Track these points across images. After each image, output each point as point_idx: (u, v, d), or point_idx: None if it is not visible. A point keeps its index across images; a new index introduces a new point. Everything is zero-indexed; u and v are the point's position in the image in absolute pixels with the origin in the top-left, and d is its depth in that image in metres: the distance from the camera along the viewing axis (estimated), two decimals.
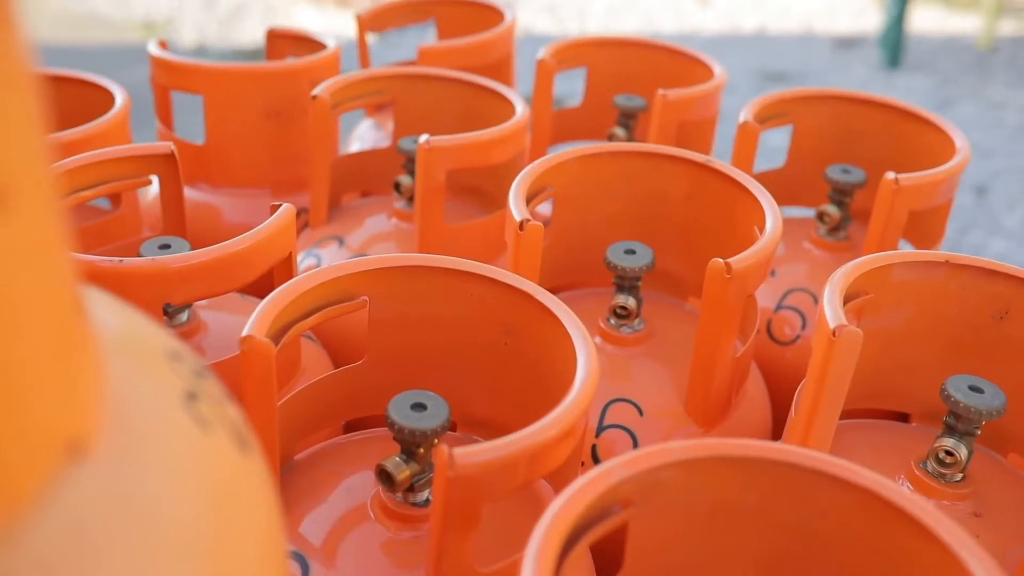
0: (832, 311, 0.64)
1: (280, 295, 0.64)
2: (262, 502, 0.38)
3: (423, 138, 0.88)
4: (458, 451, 0.52)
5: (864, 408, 0.79)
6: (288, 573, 0.42)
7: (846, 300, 0.70)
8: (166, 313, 0.81)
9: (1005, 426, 0.74)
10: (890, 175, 0.85)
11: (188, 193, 1.12)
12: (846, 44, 3.90)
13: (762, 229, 0.77)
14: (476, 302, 0.70)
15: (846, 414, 0.80)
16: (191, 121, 1.21)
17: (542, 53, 1.12)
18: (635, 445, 0.78)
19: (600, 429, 0.79)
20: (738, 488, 0.51)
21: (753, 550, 0.53)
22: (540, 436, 0.55)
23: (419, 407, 0.62)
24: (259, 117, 1.08)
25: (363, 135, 1.31)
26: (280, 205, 0.76)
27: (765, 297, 0.97)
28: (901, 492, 0.48)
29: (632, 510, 0.51)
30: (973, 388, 0.66)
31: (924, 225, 0.98)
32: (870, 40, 3.89)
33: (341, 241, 1.00)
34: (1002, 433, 0.75)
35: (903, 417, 0.83)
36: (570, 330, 0.63)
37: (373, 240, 1.01)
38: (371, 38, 3.40)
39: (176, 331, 0.81)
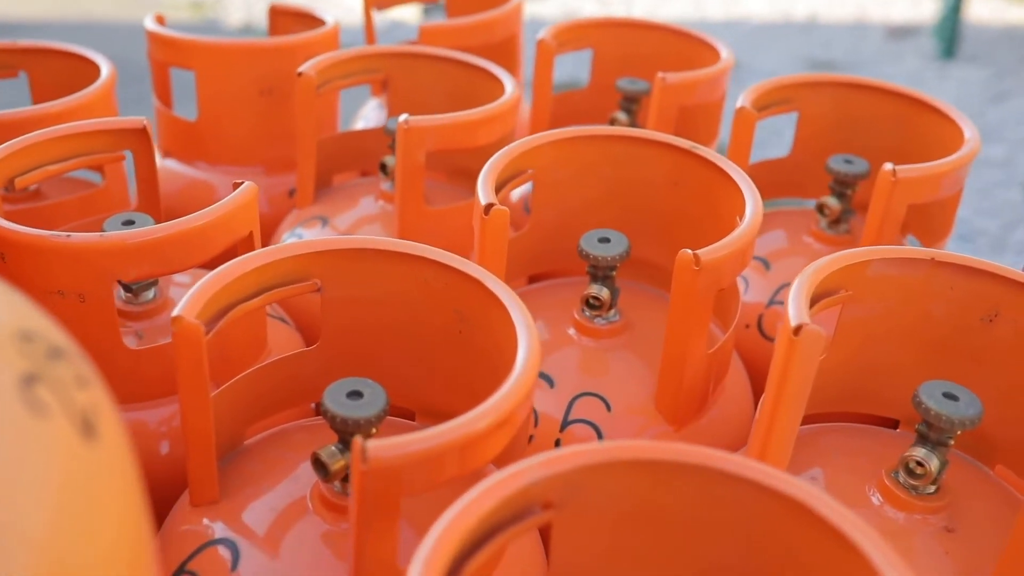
0: (795, 308, 0.60)
1: (217, 276, 0.62)
2: (110, 492, 0.36)
3: (402, 118, 0.86)
4: (372, 444, 0.50)
5: (852, 412, 0.75)
6: (151, 564, 0.39)
7: (821, 297, 0.66)
8: (130, 290, 0.79)
9: (992, 436, 0.70)
10: (888, 166, 0.81)
11: (184, 170, 1.12)
12: (899, 33, 3.78)
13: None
14: (429, 288, 0.67)
15: (831, 417, 0.76)
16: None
17: (542, 34, 1.08)
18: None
19: (565, 423, 0.76)
20: (663, 493, 0.48)
21: (682, 556, 0.50)
22: (467, 428, 0.53)
23: (356, 395, 0.60)
24: (252, 94, 1.06)
25: (367, 115, 1.30)
26: (241, 183, 0.74)
27: (758, 291, 0.93)
28: (828, 502, 0.45)
29: (553, 512, 0.48)
30: (948, 395, 0.61)
31: (930, 219, 0.93)
32: (925, 29, 3.78)
33: (325, 221, 0.98)
34: (989, 443, 0.70)
35: (895, 423, 0.79)
36: (514, 317, 0.60)
37: (357, 221, 0.99)
38: (415, 14, 3.37)
39: (143, 308, 0.80)
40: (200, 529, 0.64)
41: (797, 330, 0.58)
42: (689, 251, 0.68)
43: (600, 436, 0.75)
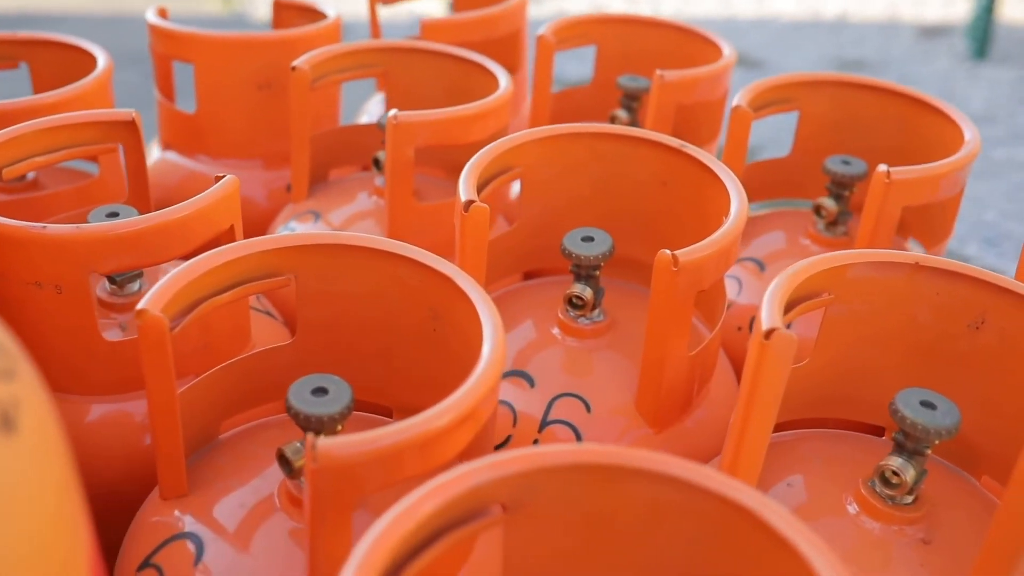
0: (768, 312, 0.59)
1: (186, 270, 0.61)
2: (30, 485, 0.36)
3: (391, 112, 0.85)
4: (324, 441, 0.50)
5: (841, 419, 0.74)
6: (81, 556, 0.39)
7: (800, 300, 0.65)
8: (114, 282, 0.80)
9: (977, 445, 0.68)
10: (882, 168, 0.79)
11: (184, 163, 1.12)
12: (931, 33, 3.72)
13: None
14: (403, 285, 0.67)
15: (819, 423, 0.74)
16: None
17: (542, 30, 1.07)
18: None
19: (544, 424, 0.75)
20: (613, 498, 0.47)
21: (632, 561, 0.49)
22: (426, 426, 0.52)
23: (321, 392, 0.60)
24: (250, 88, 1.06)
25: (371, 110, 1.29)
26: (223, 176, 0.74)
27: (752, 293, 0.92)
28: (778, 512, 0.43)
29: (505, 514, 0.48)
30: (925, 403, 0.60)
31: (931, 221, 0.91)
32: (957, 29, 3.71)
33: (318, 216, 0.98)
34: (975, 453, 0.68)
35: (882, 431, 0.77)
36: (481, 315, 0.60)
37: (351, 216, 0.98)
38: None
39: (127, 300, 0.80)
40: (167, 523, 0.64)
41: (768, 334, 0.57)
42: (668, 251, 0.67)
43: (579, 437, 0.74)
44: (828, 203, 0.91)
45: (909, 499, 0.62)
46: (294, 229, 0.97)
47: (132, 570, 0.63)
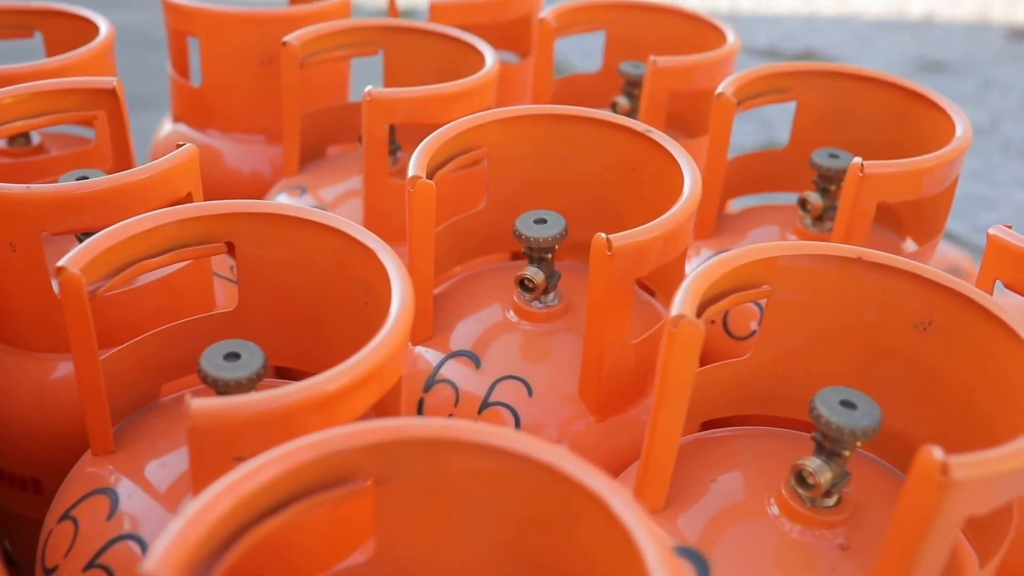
0: (680, 299, 0.57)
1: (114, 231, 0.63)
2: None
3: (367, 89, 0.86)
4: (198, 401, 0.50)
5: (795, 418, 0.71)
6: None
7: (732, 290, 0.63)
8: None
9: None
10: (856, 161, 0.76)
11: (191, 135, 1.15)
12: (1021, 35, 3.57)
13: None
14: (336, 257, 0.67)
15: (773, 421, 0.72)
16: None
17: (543, 13, 1.06)
18: (517, 426, 0.73)
19: (485, 405, 0.74)
20: (471, 477, 0.47)
21: (478, 539, 0.48)
22: (316, 389, 0.53)
23: (233, 356, 0.60)
24: (252, 63, 1.08)
25: None
26: (183, 144, 0.75)
27: None
28: (623, 498, 0.42)
29: (370, 485, 0.47)
30: (845, 403, 0.57)
31: (924, 218, 0.87)
32: None
33: (304, 190, 0.99)
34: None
35: None
36: (392, 282, 0.59)
37: (337, 191, 0.99)
38: None
39: None
40: (91, 478, 0.66)
41: (676, 321, 0.56)
42: (603, 235, 0.66)
43: (518, 420, 0.73)
44: (813, 197, 0.88)
45: (829, 502, 0.60)
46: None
47: (55, 521, 0.65)
